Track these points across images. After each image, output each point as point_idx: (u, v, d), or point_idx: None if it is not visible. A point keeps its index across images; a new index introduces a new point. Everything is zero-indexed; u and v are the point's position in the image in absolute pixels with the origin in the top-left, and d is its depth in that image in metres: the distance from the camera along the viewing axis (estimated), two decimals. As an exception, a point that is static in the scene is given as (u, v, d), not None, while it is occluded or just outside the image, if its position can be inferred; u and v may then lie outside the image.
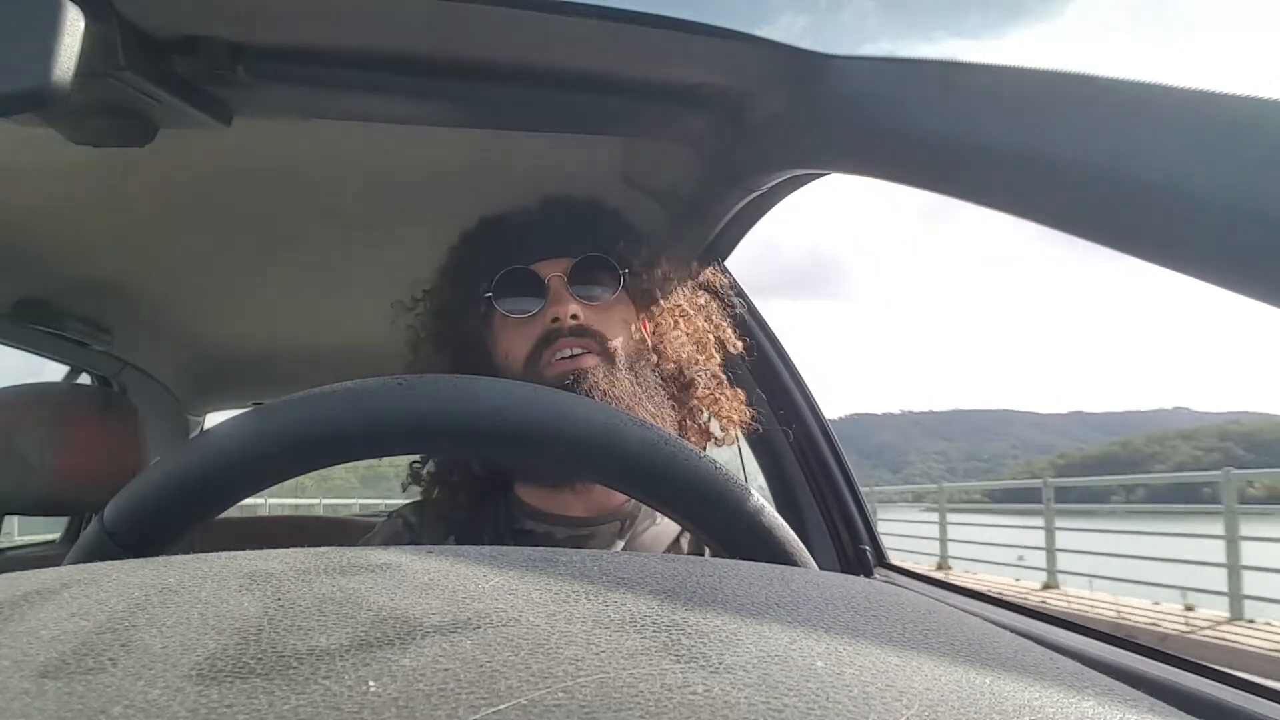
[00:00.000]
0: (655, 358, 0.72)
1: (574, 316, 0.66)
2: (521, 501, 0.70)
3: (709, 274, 0.81)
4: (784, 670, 0.16)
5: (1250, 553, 4.84)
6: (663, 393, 0.70)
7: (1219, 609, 4.78)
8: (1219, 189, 0.31)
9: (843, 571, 0.97)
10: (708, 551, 0.70)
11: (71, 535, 1.57)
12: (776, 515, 0.38)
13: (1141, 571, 6.02)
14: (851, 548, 1.03)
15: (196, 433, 1.86)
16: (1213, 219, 0.32)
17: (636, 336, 0.71)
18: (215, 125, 0.67)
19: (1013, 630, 0.23)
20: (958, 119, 0.45)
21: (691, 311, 0.77)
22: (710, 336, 0.77)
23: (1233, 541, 4.77)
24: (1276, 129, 0.30)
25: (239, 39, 0.61)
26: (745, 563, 0.27)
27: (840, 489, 1.04)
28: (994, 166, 0.43)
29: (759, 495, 0.38)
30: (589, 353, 0.66)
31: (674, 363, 0.73)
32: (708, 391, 0.73)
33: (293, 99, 0.69)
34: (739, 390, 0.77)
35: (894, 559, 1.05)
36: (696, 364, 0.74)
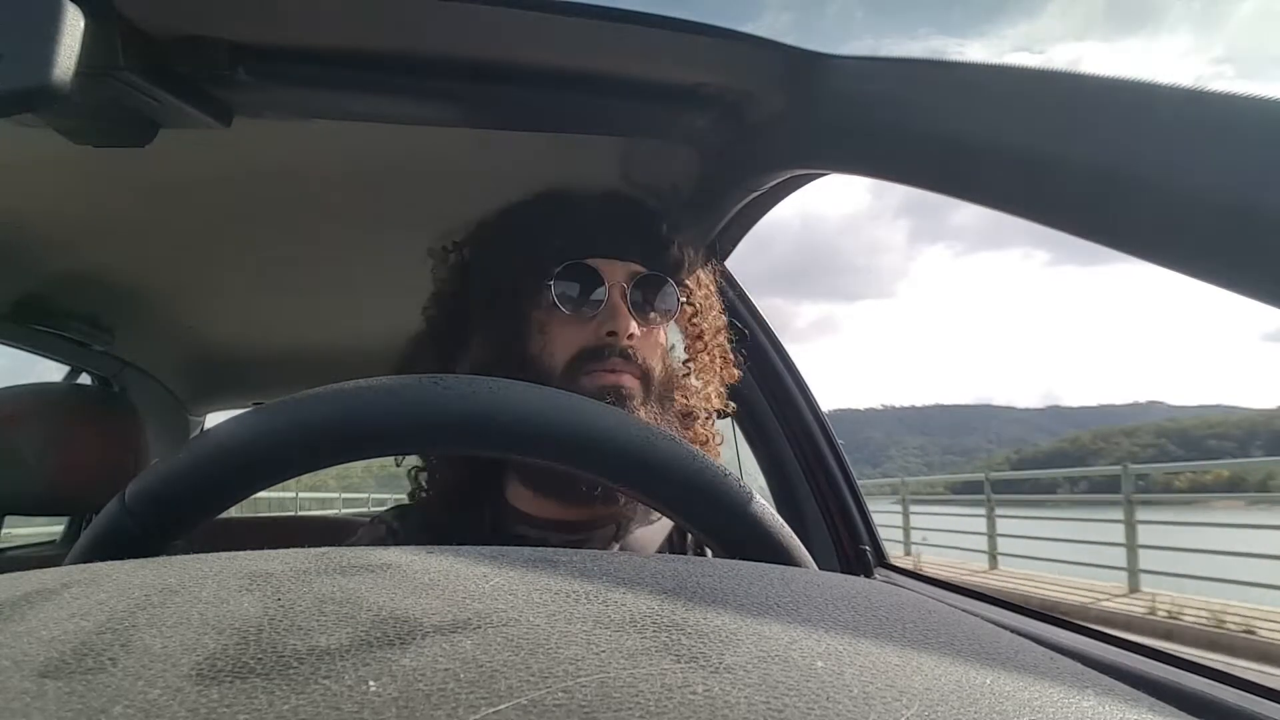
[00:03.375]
0: (682, 389, 0.69)
1: (631, 335, 0.63)
2: (513, 507, 0.68)
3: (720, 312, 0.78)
4: (784, 670, 0.16)
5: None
6: (676, 425, 0.68)
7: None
8: (1214, 187, 0.32)
9: (843, 571, 0.97)
10: (708, 552, 0.70)
11: (71, 535, 1.57)
12: (781, 520, 0.38)
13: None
14: (851, 548, 1.03)
15: (197, 433, 1.86)
16: (1207, 216, 0.32)
17: (670, 365, 0.69)
18: (215, 125, 0.67)
19: (1013, 630, 0.23)
20: (957, 118, 0.45)
21: (717, 349, 0.74)
22: (722, 378, 0.75)
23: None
24: (1266, 126, 0.30)
25: (239, 39, 0.61)
26: (745, 563, 0.27)
27: (840, 489, 1.04)
28: (993, 165, 0.43)
29: (761, 499, 0.38)
30: (629, 374, 0.63)
31: (689, 397, 0.70)
32: (702, 435, 0.71)
33: (293, 99, 0.69)
34: (720, 439, 0.75)
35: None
36: (708, 405, 0.72)
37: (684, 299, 0.68)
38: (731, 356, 0.76)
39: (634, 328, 0.64)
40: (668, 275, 0.67)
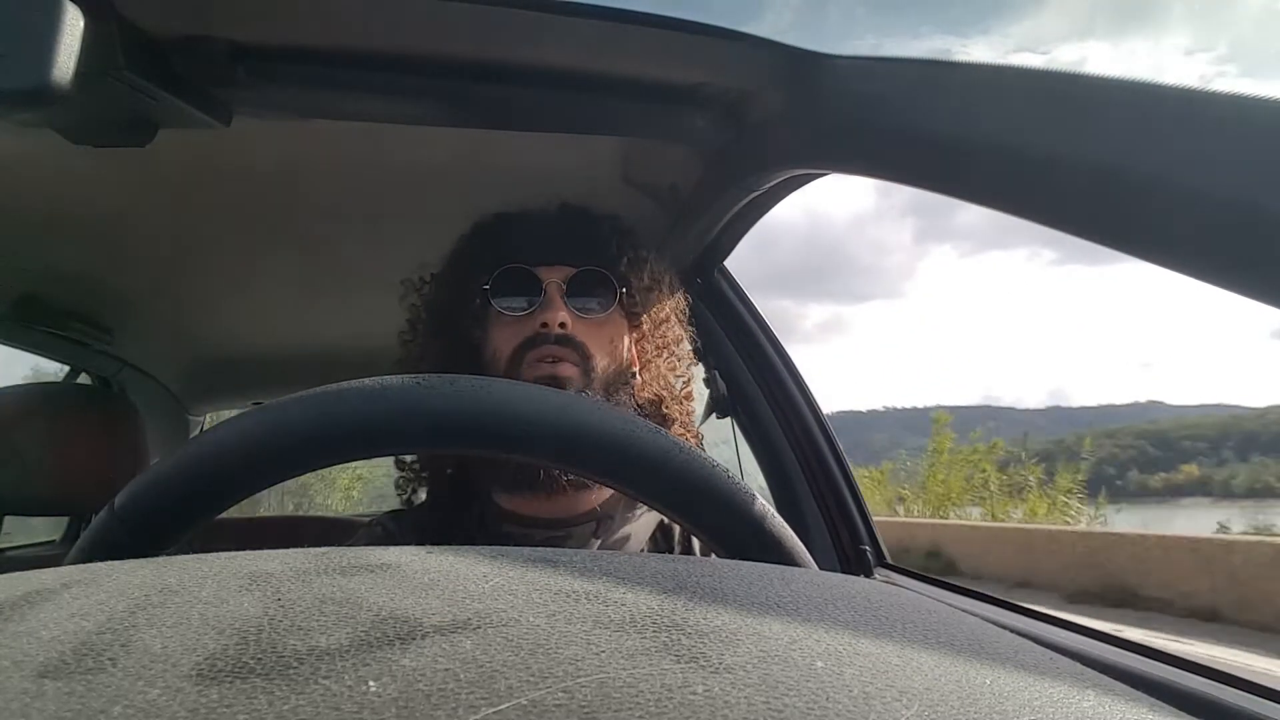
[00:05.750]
0: (637, 380, 0.73)
1: (561, 325, 0.67)
2: (499, 506, 0.70)
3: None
4: (784, 670, 0.16)
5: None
6: (646, 413, 0.71)
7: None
8: (1215, 187, 0.31)
9: (843, 571, 0.97)
10: (697, 547, 0.71)
11: (71, 535, 1.57)
12: (783, 522, 0.38)
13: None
14: (851, 548, 1.03)
15: (196, 432, 1.86)
16: (1208, 217, 0.32)
17: (622, 356, 0.71)
18: (215, 125, 0.67)
19: (1013, 630, 0.23)
20: (957, 118, 0.45)
21: (675, 341, 0.78)
22: (690, 375, 0.78)
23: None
24: (1268, 126, 0.30)
25: (239, 39, 0.61)
26: (745, 563, 0.27)
27: (840, 489, 1.04)
28: (993, 165, 0.43)
29: (763, 500, 0.38)
30: (568, 363, 0.67)
31: (653, 392, 0.73)
32: (672, 417, 0.74)
33: (293, 99, 0.69)
34: (698, 427, 0.78)
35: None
36: (678, 403, 0.75)
37: (623, 289, 0.71)
38: (677, 350, 0.78)
39: (565, 317, 0.67)
40: (605, 271, 0.70)
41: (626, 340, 0.73)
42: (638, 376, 0.73)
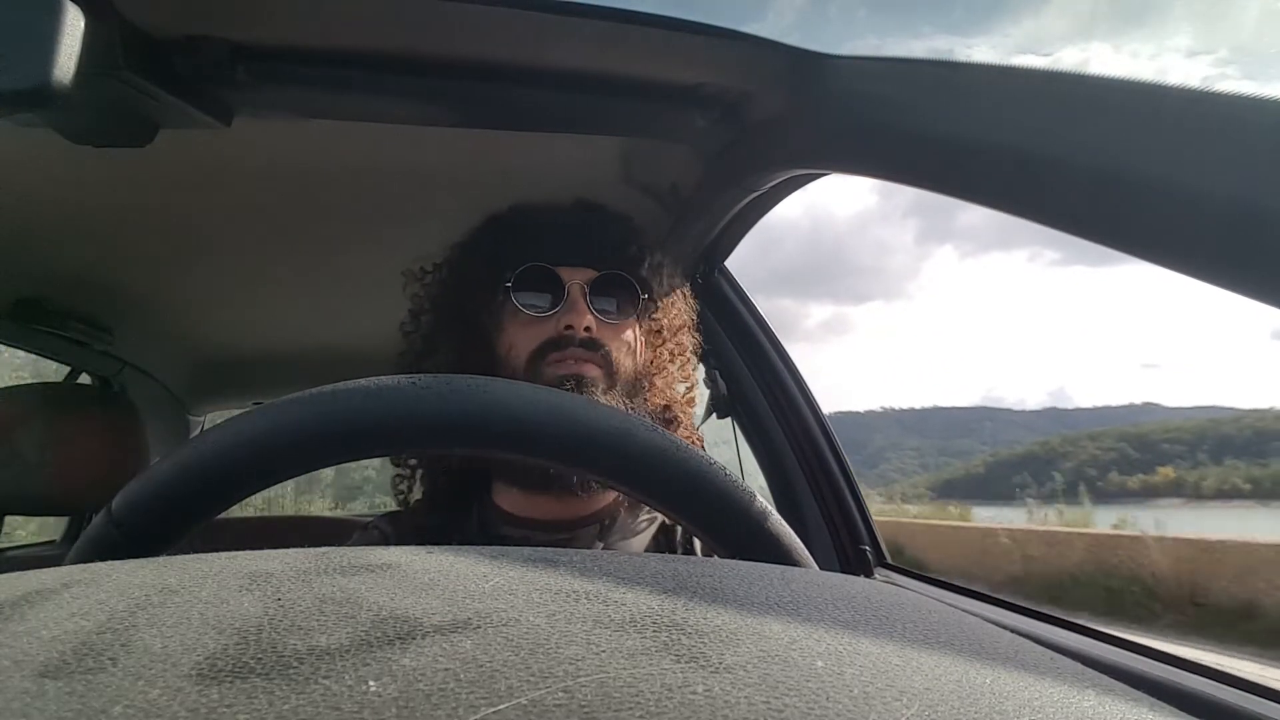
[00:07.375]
0: (648, 386, 0.72)
1: (587, 329, 0.66)
2: (498, 508, 0.69)
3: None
4: (784, 670, 0.16)
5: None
6: (657, 419, 0.71)
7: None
8: (1216, 188, 0.31)
9: (843, 571, 0.97)
10: (699, 549, 0.71)
11: (72, 535, 1.57)
12: (782, 522, 0.38)
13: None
14: (851, 548, 1.03)
15: (197, 433, 1.86)
16: (1210, 218, 0.32)
17: (639, 362, 0.71)
18: (215, 125, 0.67)
19: (1013, 630, 0.23)
20: (957, 118, 0.45)
21: (687, 345, 0.78)
22: (695, 381, 0.78)
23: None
24: (1269, 126, 0.30)
25: (239, 39, 0.62)
26: (745, 563, 0.27)
27: (840, 489, 1.04)
28: (993, 166, 0.43)
29: (763, 499, 0.38)
30: (592, 364, 0.66)
31: (665, 398, 0.73)
32: (678, 418, 0.74)
33: (293, 99, 0.69)
34: (700, 432, 0.79)
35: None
36: (683, 407, 0.75)
37: (644, 295, 0.71)
38: (689, 356, 0.78)
39: (591, 321, 0.66)
40: (628, 275, 0.70)
41: (641, 344, 0.72)
42: (650, 382, 0.73)
